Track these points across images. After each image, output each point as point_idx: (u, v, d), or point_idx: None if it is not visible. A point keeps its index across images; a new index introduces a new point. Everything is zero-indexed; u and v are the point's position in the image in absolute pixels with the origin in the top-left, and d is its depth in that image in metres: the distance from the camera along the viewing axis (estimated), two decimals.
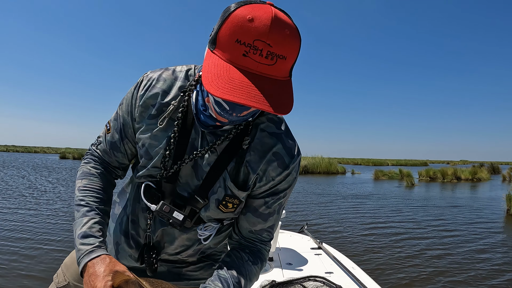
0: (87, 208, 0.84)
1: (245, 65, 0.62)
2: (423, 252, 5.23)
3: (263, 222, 0.87)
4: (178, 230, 0.90)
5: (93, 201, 0.87)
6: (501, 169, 31.43)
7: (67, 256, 1.11)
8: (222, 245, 1.03)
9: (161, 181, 0.86)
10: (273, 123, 0.85)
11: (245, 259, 0.85)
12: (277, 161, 0.83)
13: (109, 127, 0.93)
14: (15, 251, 4.53)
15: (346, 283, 2.19)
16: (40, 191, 10.48)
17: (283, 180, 0.84)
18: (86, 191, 0.88)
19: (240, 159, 0.83)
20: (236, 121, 0.76)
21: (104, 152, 0.95)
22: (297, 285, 1.37)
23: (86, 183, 0.90)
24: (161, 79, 0.85)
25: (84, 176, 0.92)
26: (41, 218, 6.58)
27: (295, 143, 0.86)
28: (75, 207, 0.86)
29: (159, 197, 0.86)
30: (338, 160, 37.85)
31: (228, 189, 0.84)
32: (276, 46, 0.61)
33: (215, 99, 0.71)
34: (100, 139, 0.96)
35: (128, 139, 0.91)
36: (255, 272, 0.87)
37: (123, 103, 0.90)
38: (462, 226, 7.37)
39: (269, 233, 0.91)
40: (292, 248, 3.01)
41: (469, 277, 4.22)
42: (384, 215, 8.42)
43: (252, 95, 0.60)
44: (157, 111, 0.85)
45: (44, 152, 70.85)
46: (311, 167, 25.27)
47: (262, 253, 0.90)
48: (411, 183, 17.72)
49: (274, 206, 0.87)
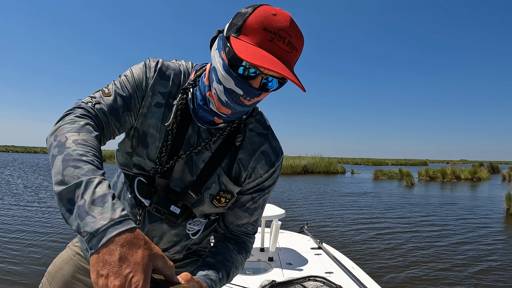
0: (94, 166, 0.58)
1: (271, 49, 0.70)
2: (423, 252, 5.24)
3: (249, 216, 0.93)
4: (167, 226, 0.91)
5: (99, 164, 0.61)
6: (500, 169, 31.46)
7: (50, 264, 1.09)
8: (206, 241, 1.07)
9: (154, 176, 0.87)
10: (260, 124, 0.92)
11: (230, 248, 0.89)
12: (265, 159, 0.90)
13: (109, 91, 0.81)
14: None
15: (346, 283, 2.19)
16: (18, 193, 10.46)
17: (269, 177, 0.91)
18: (88, 147, 0.62)
19: (233, 156, 0.88)
20: (238, 113, 0.79)
21: (103, 113, 0.78)
22: (297, 285, 1.37)
23: (87, 138, 0.65)
24: (171, 69, 0.86)
25: (82, 130, 0.67)
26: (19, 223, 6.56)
27: (279, 143, 0.94)
28: (72, 162, 0.57)
29: (152, 192, 0.87)
30: (337, 159, 37.88)
31: (222, 184, 0.88)
32: (294, 37, 0.72)
33: (225, 88, 0.74)
34: (96, 99, 0.79)
35: (131, 112, 0.82)
36: (241, 261, 0.90)
37: (130, 76, 0.83)
38: (462, 225, 7.37)
39: (253, 226, 0.96)
40: (292, 248, 3.01)
41: (469, 277, 4.22)
42: (384, 215, 8.42)
43: (284, 68, 0.68)
44: (165, 101, 0.85)
45: (44, 152, 70.79)
46: (310, 167, 25.27)
47: (247, 245, 0.95)
48: (411, 183, 17.73)
49: (259, 201, 0.93)
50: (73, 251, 1.06)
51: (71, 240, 1.13)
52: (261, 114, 0.94)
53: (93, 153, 0.62)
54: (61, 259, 1.07)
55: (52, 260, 1.11)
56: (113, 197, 0.54)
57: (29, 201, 8.47)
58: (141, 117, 0.85)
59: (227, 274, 0.83)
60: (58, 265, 1.05)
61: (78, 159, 0.58)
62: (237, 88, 0.73)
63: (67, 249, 1.09)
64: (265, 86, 0.75)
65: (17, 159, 33.99)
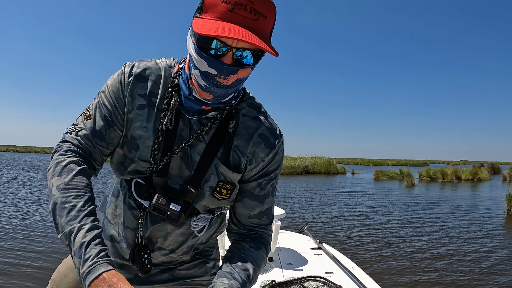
0: (74, 212, 0.71)
1: (233, 19, 0.68)
2: (423, 252, 5.23)
3: (260, 204, 0.90)
4: (171, 226, 0.89)
5: (82, 203, 0.73)
6: (501, 169, 31.43)
7: (54, 271, 1.07)
8: (213, 240, 1.04)
9: (151, 176, 0.85)
10: (253, 108, 0.90)
11: (246, 247, 0.86)
12: (263, 142, 0.87)
13: (89, 114, 0.85)
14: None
15: (346, 283, 2.19)
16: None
17: (271, 160, 0.89)
18: (69, 190, 0.74)
19: (229, 143, 0.86)
20: (220, 96, 0.77)
21: (87, 139, 0.83)
22: (297, 285, 1.37)
23: (68, 180, 0.75)
24: (148, 69, 0.85)
25: (64, 171, 0.77)
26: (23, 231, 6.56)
27: (276, 125, 0.92)
28: (58, 211, 0.72)
29: (151, 192, 0.85)
30: (338, 160, 37.90)
31: (221, 175, 0.86)
32: (258, 3, 0.69)
33: (201, 72, 0.73)
34: (78, 126, 0.85)
35: (116, 126, 0.85)
36: (261, 257, 0.87)
37: (106, 91, 0.85)
38: (462, 226, 7.37)
39: (267, 216, 0.93)
40: (292, 248, 3.01)
41: (469, 278, 4.21)
42: (384, 215, 8.41)
43: (248, 34, 0.67)
44: (146, 102, 0.84)
45: (44, 152, 70.90)
46: (311, 167, 25.26)
47: (264, 238, 0.91)
48: (412, 183, 17.71)
49: (267, 187, 0.90)
50: None
51: None
52: (253, 99, 0.92)
53: (75, 195, 0.74)
54: (65, 266, 1.05)
55: (56, 267, 1.08)
56: (87, 245, 0.67)
57: (29, 206, 8.46)
58: (127, 124, 0.85)
59: (247, 276, 0.80)
60: (63, 272, 1.03)
61: (62, 207, 0.72)
62: (210, 68, 0.72)
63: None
64: (240, 61, 0.73)
65: (18, 160, 33.95)
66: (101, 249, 0.69)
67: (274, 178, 0.91)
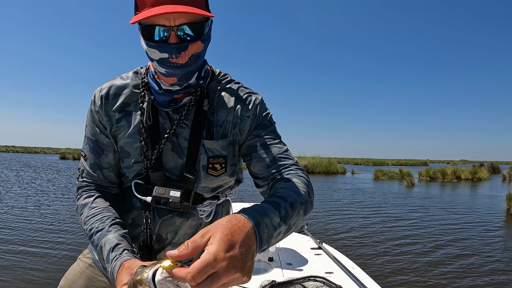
0: (99, 232, 0.82)
1: (162, 1, 0.73)
2: (424, 252, 5.23)
3: (270, 150, 0.88)
4: (179, 219, 0.91)
5: (100, 223, 0.84)
6: (501, 169, 31.42)
7: (62, 277, 1.07)
8: None
9: (148, 173, 0.89)
10: (225, 82, 0.94)
11: (280, 186, 0.78)
12: (241, 102, 0.91)
13: (84, 154, 0.96)
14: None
15: (346, 283, 2.19)
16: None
17: (257, 113, 0.92)
18: (90, 218, 0.85)
19: (208, 121, 0.90)
20: (185, 76, 0.82)
21: (90, 176, 0.94)
22: (297, 285, 1.37)
23: (87, 213, 0.87)
24: (113, 86, 0.92)
25: (82, 208, 0.89)
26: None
27: (250, 89, 0.95)
28: (90, 241, 0.84)
29: (151, 189, 0.89)
30: (338, 160, 37.85)
31: (208, 151, 0.88)
32: None
33: (157, 61, 0.79)
34: (81, 169, 0.97)
35: (105, 150, 0.93)
36: (303, 180, 0.81)
37: (87, 124, 0.94)
38: (462, 225, 7.37)
39: (286, 157, 0.88)
40: (292, 248, 3.00)
41: (469, 277, 4.21)
42: (384, 215, 8.42)
43: (169, 8, 0.72)
44: (121, 114, 0.91)
45: (44, 153, 70.87)
46: (311, 167, 25.27)
47: (294, 171, 0.85)
48: (411, 183, 17.72)
49: (269, 135, 0.91)
50: (85, 264, 1.04)
51: (82, 252, 1.10)
52: (224, 75, 0.96)
53: (96, 219, 0.84)
54: (73, 272, 1.04)
55: (63, 273, 1.07)
56: (109, 251, 0.76)
57: (35, 210, 8.45)
58: (115, 140, 0.93)
59: (290, 204, 0.70)
60: (71, 279, 1.03)
61: (90, 234, 0.84)
62: (163, 53, 0.77)
63: (78, 261, 1.07)
64: (185, 37, 0.77)
65: (17, 160, 33.97)
66: (124, 249, 0.77)
67: (269, 125, 0.92)
